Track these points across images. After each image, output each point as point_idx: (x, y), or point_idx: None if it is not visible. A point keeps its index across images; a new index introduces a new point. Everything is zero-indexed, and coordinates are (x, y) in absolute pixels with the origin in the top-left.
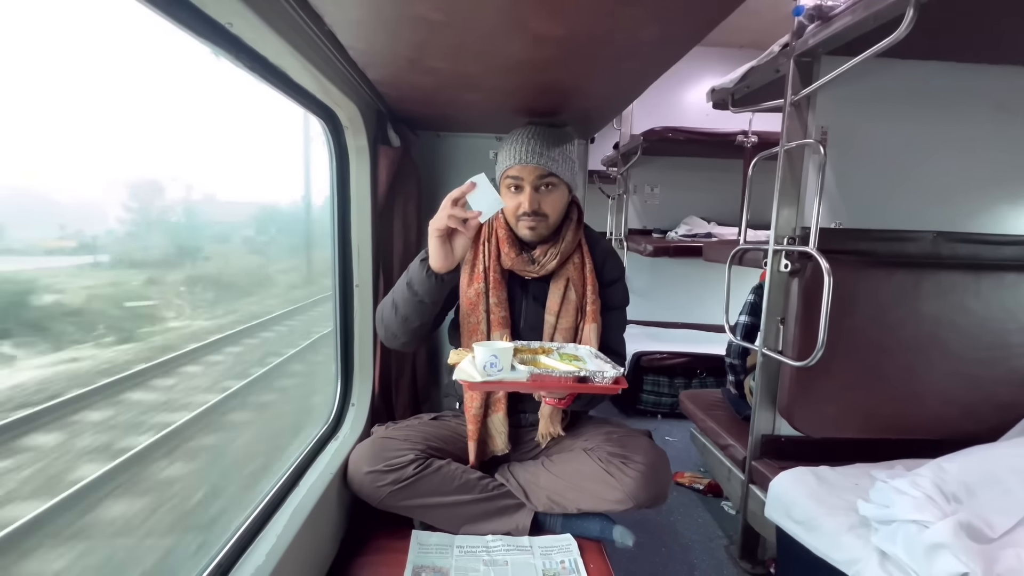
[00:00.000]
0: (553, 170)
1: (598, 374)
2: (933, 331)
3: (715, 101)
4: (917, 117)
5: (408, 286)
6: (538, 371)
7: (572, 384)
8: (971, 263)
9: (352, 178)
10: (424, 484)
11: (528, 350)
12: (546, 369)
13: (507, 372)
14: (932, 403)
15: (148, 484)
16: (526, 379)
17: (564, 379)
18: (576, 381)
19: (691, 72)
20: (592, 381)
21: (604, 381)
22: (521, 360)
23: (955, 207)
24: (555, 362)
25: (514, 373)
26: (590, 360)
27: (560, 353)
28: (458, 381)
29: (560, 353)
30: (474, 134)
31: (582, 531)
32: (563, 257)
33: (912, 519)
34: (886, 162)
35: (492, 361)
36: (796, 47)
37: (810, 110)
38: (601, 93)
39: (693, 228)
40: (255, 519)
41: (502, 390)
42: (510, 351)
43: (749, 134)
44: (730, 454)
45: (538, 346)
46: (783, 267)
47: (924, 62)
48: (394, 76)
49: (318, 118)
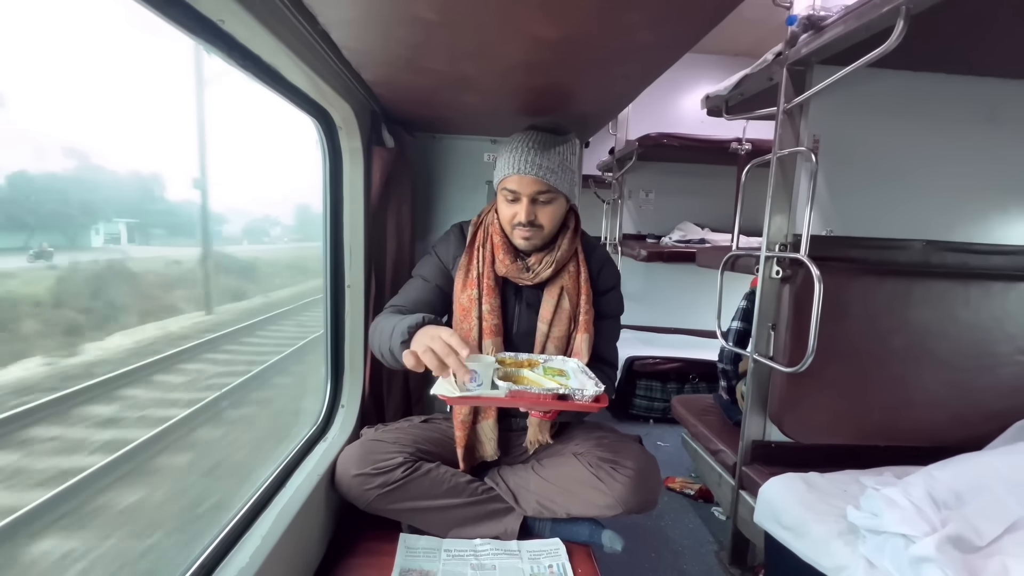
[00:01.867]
0: (552, 183)
1: (578, 392)
2: (923, 339)
3: (709, 108)
4: (908, 126)
5: (391, 353)
6: (517, 388)
7: (551, 401)
8: (960, 272)
9: (345, 179)
10: (413, 487)
11: (514, 362)
12: (527, 385)
13: (486, 388)
14: (921, 410)
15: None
16: (504, 395)
17: (543, 396)
18: (556, 398)
19: (686, 79)
20: (572, 399)
21: (584, 399)
22: (504, 374)
23: (945, 216)
24: (538, 377)
25: (492, 390)
26: (574, 376)
27: (546, 367)
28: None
29: (546, 367)
30: (470, 136)
31: (571, 535)
32: (558, 265)
33: (900, 532)
34: (877, 170)
35: (472, 375)
36: (789, 56)
37: (803, 118)
38: (597, 96)
39: (687, 234)
40: (240, 519)
41: (480, 405)
42: (491, 367)
43: (743, 141)
44: (721, 460)
45: (524, 359)
46: (775, 273)
47: (915, 73)
48: (389, 77)
49: (311, 118)
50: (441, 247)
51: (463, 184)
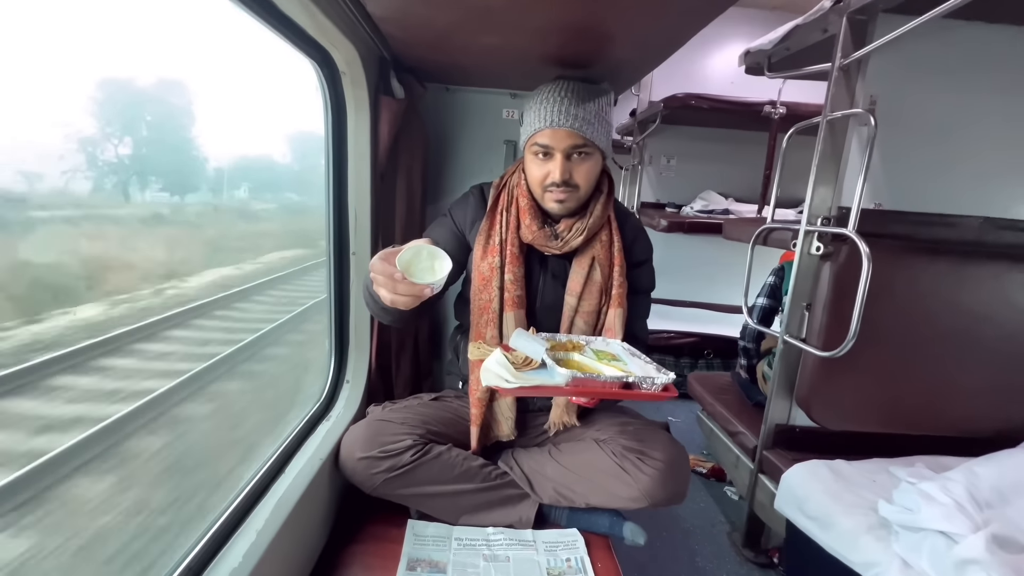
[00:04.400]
0: (589, 136)
1: (647, 380)
2: (969, 324)
3: (749, 64)
4: (977, 88)
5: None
6: (580, 375)
7: (618, 391)
8: (1019, 252)
9: (350, 133)
10: (422, 472)
11: (558, 345)
12: (587, 372)
13: (543, 374)
14: (959, 400)
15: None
16: (565, 384)
17: (608, 384)
18: (622, 387)
19: (715, 35)
20: (640, 387)
21: (654, 388)
22: (555, 358)
23: (1007, 191)
24: (591, 362)
25: (552, 376)
26: (630, 361)
27: (594, 350)
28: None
29: (594, 350)
30: (488, 90)
31: (590, 526)
32: (590, 233)
33: (941, 529)
34: (935, 139)
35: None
36: (851, 3)
37: (860, 76)
38: (641, 39)
39: (710, 204)
40: (240, 503)
41: (539, 395)
42: (543, 349)
43: (777, 104)
44: (739, 441)
45: (566, 339)
46: (815, 249)
47: (991, 25)
48: (400, 10)
49: (311, 61)
50: (457, 210)
51: (479, 142)
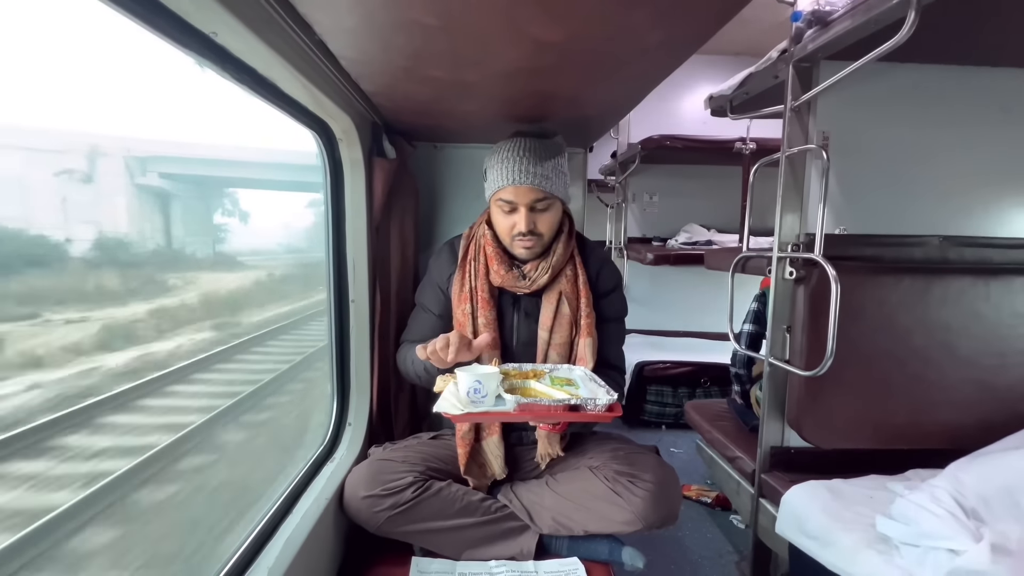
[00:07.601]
0: (549, 190)
1: (590, 401)
2: (944, 338)
3: (713, 108)
4: (920, 121)
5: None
6: (526, 400)
7: (563, 413)
8: (980, 267)
9: (347, 191)
10: (424, 508)
11: (519, 374)
12: (535, 397)
13: (491, 401)
14: (944, 411)
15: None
16: (512, 409)
17: (554, 408)
18: (567, 409)
19: (686, 80)
20: (584, 409)
21: (597, 409)
22: (510, 386)
23: (961, 210)
24: (546, 388)
25: (499, 403)
26: (584, 385)
27: (552, 377)
28: (440, 413)
29: (552, 377)
30: (472, 145)
31: (590, 554)
32: (555, 271)
33: (940, 543)
34: (890, 166)
35: (476, 387)
36: (795, 53)
37: (811, 115)
38: (602, 99)
39: (693, 236)
40: (249, 545)
41: (487, 421)
42: (496, 377)
43: (747, 141)
44: (738, 467)
45: (529, 369)
46: (788, 274)
47: (926, 65)
48: (389, 86)
49: (311, 131)
50: (435, 267)
51: (466, 194)
